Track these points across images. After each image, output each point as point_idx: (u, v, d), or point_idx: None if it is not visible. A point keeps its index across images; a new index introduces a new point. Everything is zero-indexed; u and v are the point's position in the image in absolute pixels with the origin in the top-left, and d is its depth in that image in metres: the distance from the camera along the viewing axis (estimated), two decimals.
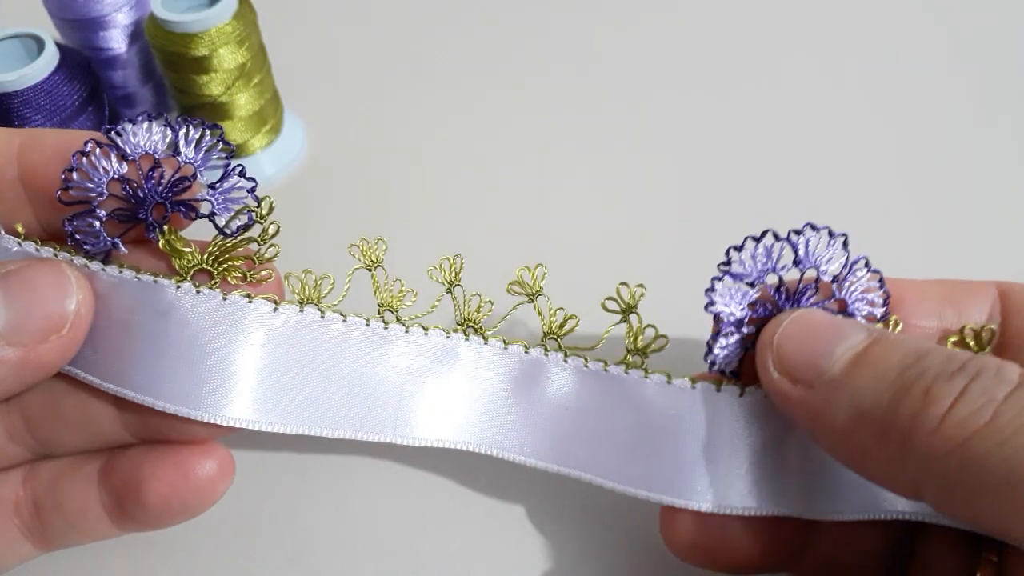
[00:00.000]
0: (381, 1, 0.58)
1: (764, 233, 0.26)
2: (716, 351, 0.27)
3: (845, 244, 0.26)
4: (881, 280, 0.27)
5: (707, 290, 0.27)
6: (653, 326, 0.28)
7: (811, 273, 0.27)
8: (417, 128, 0.49)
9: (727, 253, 0.27)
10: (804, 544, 0.28)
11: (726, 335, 0.27)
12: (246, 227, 0.28)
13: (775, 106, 0.49)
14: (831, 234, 0.26)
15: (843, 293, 0.26)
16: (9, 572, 0.30)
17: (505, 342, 0.30)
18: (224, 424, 0.26)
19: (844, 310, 0.27)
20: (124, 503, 0.28)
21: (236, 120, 0.44)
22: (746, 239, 0.26)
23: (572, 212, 0.44)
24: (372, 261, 0.29)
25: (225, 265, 0.28)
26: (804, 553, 0.28)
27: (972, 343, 0.26)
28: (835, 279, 0.26)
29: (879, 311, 0.27)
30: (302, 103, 0.49)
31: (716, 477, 0.26)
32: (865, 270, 0.27)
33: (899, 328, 0.27)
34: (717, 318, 0.27)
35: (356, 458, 0.35)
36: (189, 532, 0.32)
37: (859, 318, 0.27)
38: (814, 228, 0.26)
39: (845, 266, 0.26)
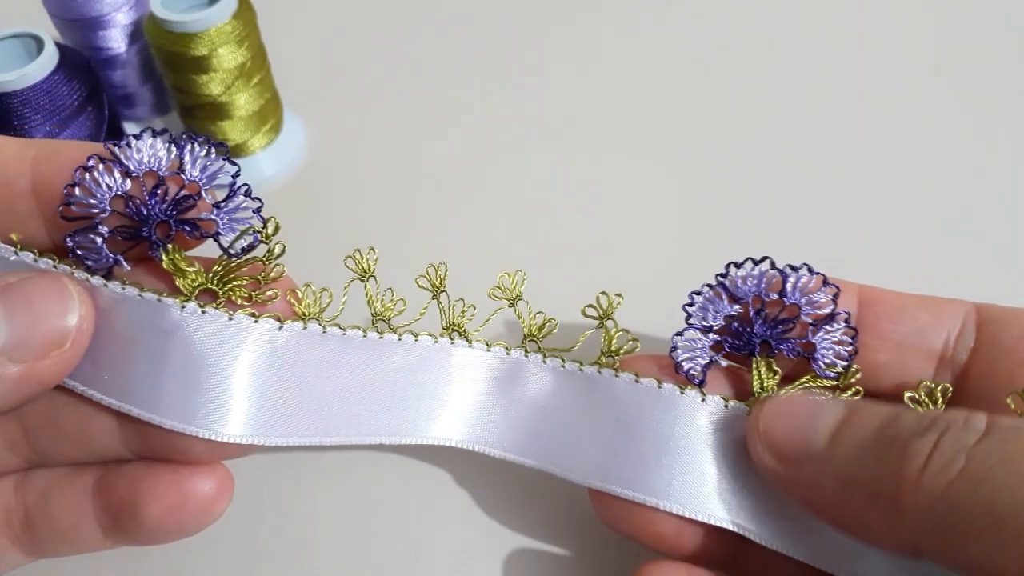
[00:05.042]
0: (381, 1, 0.58)
1: (763, 258, 0.28)
2: (677, 342, 0.29)
3: (835, 298, 0.28)
4: (854, 337, 0.28)
5: (693, 292, 0.29)
6: (627, 330, 0.30)
7: (793, 310, 0.28)
8: (417, 128, 0.49)
9: (726, 267, 0.29)
10: (737, 555, 0.28)
11: (692, 331, 0.29)
12: (251, 247, 0.27)
13: (771, 120, 0.49)
14: (825, 282, 0.28)
15: (816, 337, 0.28)
16: None
17: (488, 344, 0.31)
18: (222, 440, 0.26)
19: (812, 352, 0.28)
20: (120, 520, 0.27)
21: (236, 120, 0.44)
22: (746, 259, 0.28)
23: (573, 214, 0.44)
24: (365, 271, 0.30)
25: (230, 285, 0.27)
26: (736, 561, 0.28)
27: (927, 399, 0.28)
28: (814, 323, 0.28)
29: (842, 362, 0.28)
30: (302, 103, 0.49)
31: (673, 477, 0.27)
32: (844, 324, 0.28)
33: (858, 376, 0.28)
34: (688, 316, 0.29)
35: (354, 455, 0.35)
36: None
37: (821, 364, 0.28)
38: (811, 271, 0.28)
39: (829, 316, 0.28)
